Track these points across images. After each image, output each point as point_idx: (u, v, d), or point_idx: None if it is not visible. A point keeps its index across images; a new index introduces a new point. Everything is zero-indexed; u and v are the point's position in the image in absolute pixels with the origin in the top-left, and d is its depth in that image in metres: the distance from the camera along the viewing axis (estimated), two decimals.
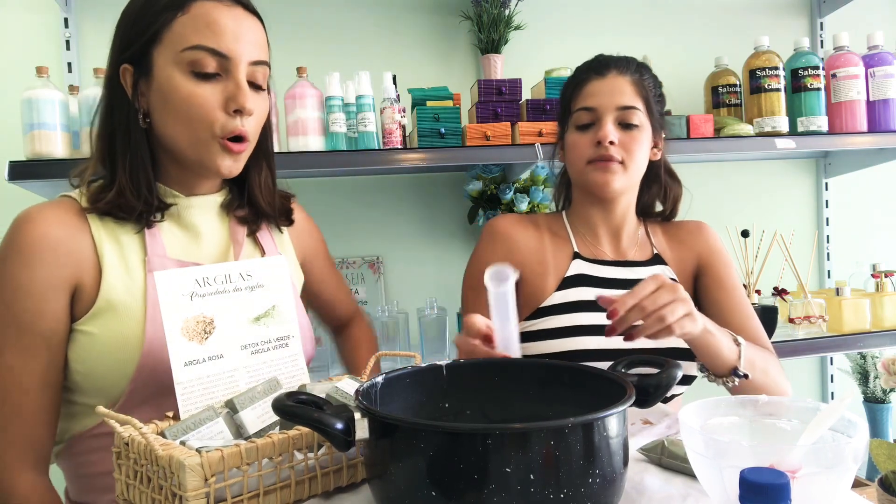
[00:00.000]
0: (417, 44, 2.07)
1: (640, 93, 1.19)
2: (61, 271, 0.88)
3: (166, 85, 0.89)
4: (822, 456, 0.58)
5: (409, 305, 1.97)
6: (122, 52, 0.92)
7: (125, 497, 0.74)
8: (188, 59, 0.87)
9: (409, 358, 0.97)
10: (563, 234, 1.27)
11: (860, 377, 2.12)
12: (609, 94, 1.18)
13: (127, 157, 0.92)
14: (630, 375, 0.73)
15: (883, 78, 1.98)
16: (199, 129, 0.89)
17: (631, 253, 1.26)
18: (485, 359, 0.85)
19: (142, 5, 0.91)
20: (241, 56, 0.89)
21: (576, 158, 1.21)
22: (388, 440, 0.60)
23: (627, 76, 1.20)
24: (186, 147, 0.91)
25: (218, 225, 1.01)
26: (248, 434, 0.77)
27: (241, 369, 0.88)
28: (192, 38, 0.87)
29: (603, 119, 1.17)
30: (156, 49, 0.89)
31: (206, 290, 0.87)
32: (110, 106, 0.94)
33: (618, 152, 1.17)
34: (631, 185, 1.22)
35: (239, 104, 0.89)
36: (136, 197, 0.92)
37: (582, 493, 0.56)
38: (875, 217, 2.40)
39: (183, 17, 0.88)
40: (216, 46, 0.87)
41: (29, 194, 1.72)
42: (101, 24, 1.87)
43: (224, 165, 0.92)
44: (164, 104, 0.90)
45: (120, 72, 0.92)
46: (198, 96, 0.88)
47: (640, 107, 1.18)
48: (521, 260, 1.22)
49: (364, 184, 2.05)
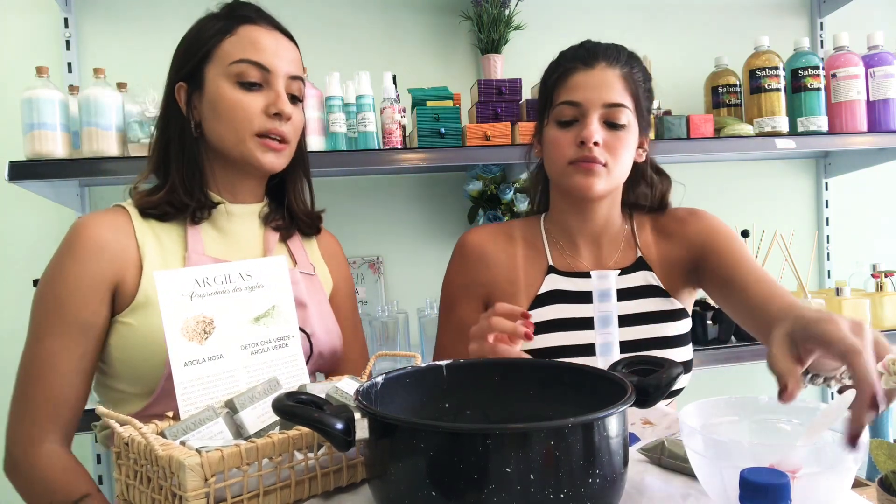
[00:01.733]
0: (417, 44, 2.07)
1: (630, 88, 1.11)
2: (106, 269, 0.98)
3: (215, 94, 1.02)
4: (823, 456, 0.58)
5: (409, 305, 1.97)
6: (178, 72, 1.05)
7: (125, 497, 0.74)
8: (235, 71, 1.01)
9: (409, 358, 0.96)
10: (538, 244, 1.21)
11: None
12: (596, 89, 1.09)
13: (181, 161, 1.04)
14: (630, 375, 0.73)
15: (883, 78, 1.98)
16: (242, 129, 1.01)
17: (612, 261, 1.19)
18: (485, 359, 0.85)
19: (195, 32, 1.06)
20: (280, 69, 1.03)
21: (556, 157, 1.12)
22: (388, 440, 0.60)
23: (617, 69, 1.10)
24: (232, 147, 1.03)
25: (255, 233, 1.11)
26: (248, 434, 0.77)
27: (241, 369, 0.88)
28: (238, 54, 1.01)
29: (588, 116, 1.09)
30: (207, 66, 1.03)
31: (205, 291, 0.87)
32: (166, 119, 1.07)
33: (602, 154, 1.09)
34: (614, 188, 1.15)
35: (278, 108, 1.02)
36: (188, 195, 1.03)
37: (582, 493, 0.56)
38: (875, 217, 2.39)
39: (231, 39, 1.02)
40: (259, 60, 1.01)
41: (29, 194, 1.72)
42: (101, 24, 1.87)
43: (266, 160, 1.04)
44: (213, 111, 1.02)
45: (175, 89, 1.05)
46: (242, 101, 1.01)
47: (628, 104, 1.10)
48: (492, 279, 1.18)
49: (364, 184, 2.05)
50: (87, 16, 1.86)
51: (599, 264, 1.20)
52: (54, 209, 1.81)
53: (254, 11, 1.06)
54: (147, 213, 1.03)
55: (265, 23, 1.05)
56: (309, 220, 1.18)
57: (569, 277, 1.17)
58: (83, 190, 1.83)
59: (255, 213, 1.12)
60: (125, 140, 1.59)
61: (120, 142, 1.58)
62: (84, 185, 1.82)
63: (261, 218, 1.12)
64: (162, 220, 1.04)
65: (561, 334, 1.12)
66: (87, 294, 0.96)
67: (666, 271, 1.19)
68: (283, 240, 1.14)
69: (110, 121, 1.56)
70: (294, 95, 1.06)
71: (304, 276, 1.11)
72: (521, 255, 1.20)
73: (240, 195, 1.10)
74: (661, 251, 1.20)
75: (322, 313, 1.11)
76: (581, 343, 1.10)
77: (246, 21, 1.04)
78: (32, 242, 1.82)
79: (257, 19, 1.05)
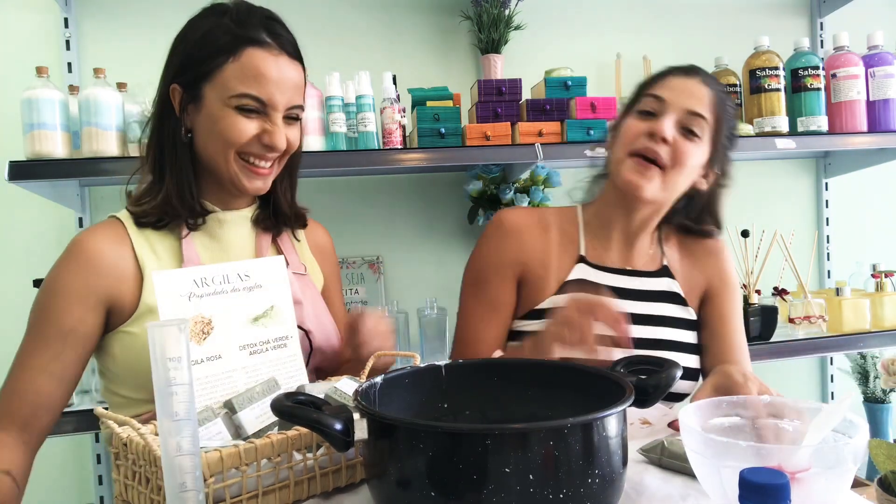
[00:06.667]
0: (417, 44, 2.07)
1: (715, 109, 1.12)
2: (99, 283, 0.98)
3: (213, 115, 1.01)
4: (823, 456, 0.58)
5: (409, 305, 1.97)
6: (176, 76, 1.03)
7: (124, 497, 0.74)
8: (235, 103, 1.00)
9: (408, 358, 0.96)
10: (573, 233, 1.22)
11: (860, 377, 2.12)
12: (683, 93, 1.11)
13: (174, 167, 1.04)
14: (630, 375, 0.72)
15: (883, 78, 1.98)
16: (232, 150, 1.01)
17: (640, 262, 1.21)
18: (485, 359, 0.85)
19: (199, 39, 1.02)
20: (280, 104, 1.02)
21: (623, 143, 1.13)
22: (388, 440, 0.60)
23: (710, 88, 1.13)
24: (221, 165, 1.03)
25: (246, 239, 1.11)
26: (247, 434, 0.77)
27: (240, 370, 0.88)
28: (240, 86, 0.99)
29: (667, 113, 1.10)
30: (207, 84, 1.01)
31: (204, 291, 0.87)
32: (160, 119, 1.05)
33: (666, 153, 1.09)
34: (664, 200, 1.15)
35: (272, 143, 1.02)
36: (182, 203, 1.03)
37: (581, 493, 0.56)
38: (875, 217, 2.39)
39: (234, 64, 0.99)
40: (259, 95, 1.00)
41: (29, 194, 1.72)
42: (101, 24, 1.87)
43: (252, 186, 1.04)
44: (209, 130, 1.02)
45: (170, 90, 1.03)
46: (237, 125, 1.00)
47: (708, 118, 1.11)
48: (526, 259, 1.19)
49: (364, 184, 2.05)
50: (87, 16, 1.86)
51: (627, 263, 1.21)
52: (54, 209, 1.81)
53: (263, 29, 1.02)
54: (142, 222, 1.04)
55: (272, 46, 1.02)
56: (293, 214, 1.17)
57: (597, 270, 1.19)
58: (83, 190, 1.83)
59: (247, 218, 1.12)
60: (125, 140, 1.59)
61: (120, 142, 1.58)
62: (84, 185, 1.82)
63: (252, 221, 1.12)
64: (157, 229, 1.04)
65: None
66: (72, 301, 0.97)
67: (687, 285, 1.23)
68: (274, 240, 1.15)
69: (110, 121, 1.55)
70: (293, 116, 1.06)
71: (297, 275, 1.12)
72: (555, 240, 1.21)
73: (231, 203, 1.10)
74: (685, 270, 1.24)
75: (317, 311, 1.12)
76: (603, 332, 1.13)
77: (252, 44, 1.00)
78: (32, 242, 1.81)
79: (264, 42, 1.01)
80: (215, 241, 1.08)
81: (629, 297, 1.17)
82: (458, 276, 1.31)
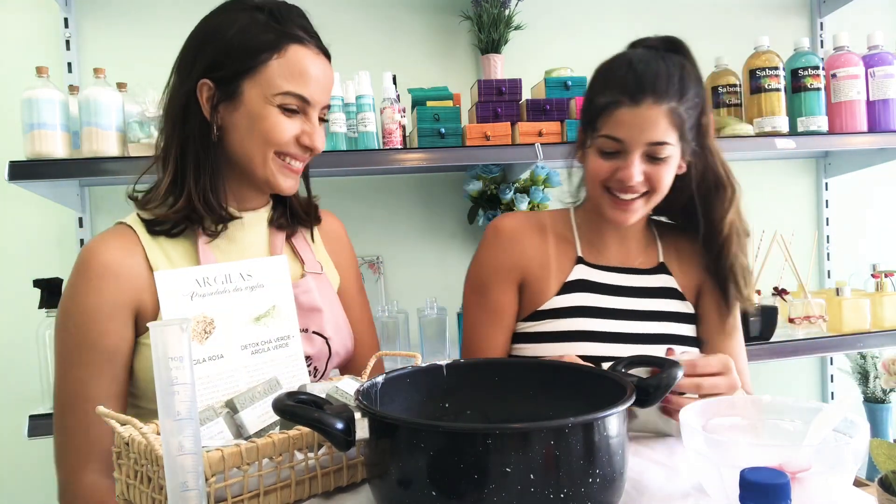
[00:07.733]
0: (417, 44, 2.07)
1: (675, 123, 1.07)
2: (123, 294, 0.95)
3: (255, 114, 0.98)
4: (823, 456, 0.58)
5: (409, 305, 1.97)
6: (207, 71, 0.98)
7: (125, 497, 0.74)
8: (279, 101, 0.98)
9: (409, 358, 0.97)
10: (569, 236, 1.24)
11: (860, 377, 2.12)
12: (640, 129, 1.06)
13: (201, 171, 0.99)
14: (630, 375, 0.73)
15: (883, 78, 1.98)
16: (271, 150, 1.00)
17: (637, 260, 1.23)
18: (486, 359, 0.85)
19: (237, 35, 0.97)
20: (320, 102, 1.02)
21: (594, 178, 1.13)
22: (389, 440, 0.60)
23: (664, 105, 1.05)
24: (256, 165, 1.00)
25: (262, 237, 1.09)
26: (249, 434, 0.77)
27: (242, 369, 0.88)
28: (286, 84, 0.98)
29: (631, 154, 1.08)
30: (248, 81, 0.97)
31: (206, 290, 0.87)
32: (183, 118, 1.00)
33: (641, 185, 1.10)
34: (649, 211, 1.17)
35: (312, 143, 1.02)
36: (205, 205, 0.99)
37: (582, 493, 0.56)
38: (875, 217, 2.39)
39: (280, 60, 0.97)
40: (304, 94, 0.99)
41: (29, 194, 1.72)
42: (101, 24, 1.87)
43: (286, 185, 1.03)
44: (247, 128, 0.99)
45: (198, 86, 0.98)
46: (280, 125, 0.99)
47: (672, 141, 1.08)
48: (525, 263, 1.20)
49: (364, 184, 2.05)
50: (87, 16, 1.86)
51: (625, 261, 1.23)
52: (54, 209, 1.81)
53: (303, 28, 1.01)
54: (155, 230, 1.00)
55: (313, 44, 1.01)
56: (305, 210, 1.15)
57: (596, 270, 1.21)
58: (83, 190, 1.83)
59: (263, 219, 1.10)
60: (125, 140, 1.59)
61: (120, 142, 1.58)
62: (84, 185, 1.82)
63: (267, 221, 1.11)
64: (171, 237, 1.00)
65: (586, 320, 1.15)
66: (107, 320, 0.94)
67: (683, 284, 1.24)
68: (288, 239, 1.12)
69: (110, 121, 1.55)
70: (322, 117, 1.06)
71: (313, 275, 1.10)
72: (552, 243, 1.23)
73: (249, 202, 1.08)
74: (680, 266, 1.24)
75: (335, 315, 1.11)
76: (604, 330, 1.15)
77: (296, 41, 0.99)
78: (32, 242, 1.81)
79: (305, 40, 1.00)
80: (232, 244, 1.05)
81: (629, 295, 1.19)
82: (459, 276, 1.31)
